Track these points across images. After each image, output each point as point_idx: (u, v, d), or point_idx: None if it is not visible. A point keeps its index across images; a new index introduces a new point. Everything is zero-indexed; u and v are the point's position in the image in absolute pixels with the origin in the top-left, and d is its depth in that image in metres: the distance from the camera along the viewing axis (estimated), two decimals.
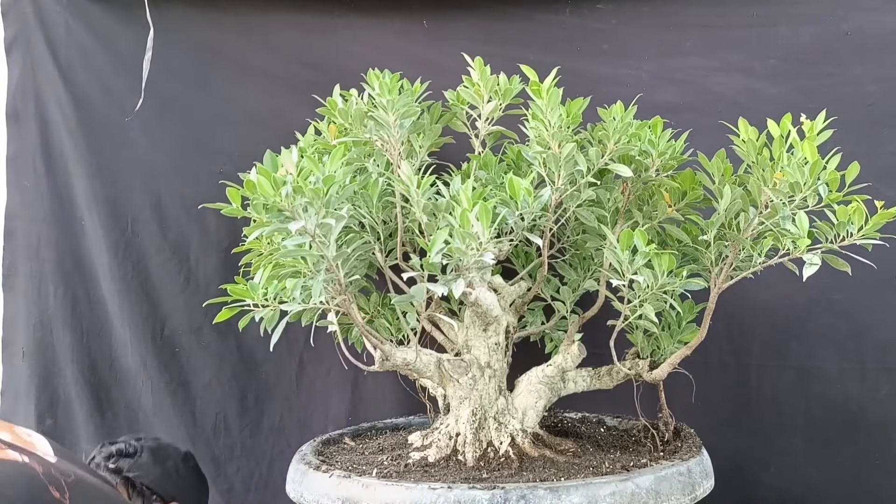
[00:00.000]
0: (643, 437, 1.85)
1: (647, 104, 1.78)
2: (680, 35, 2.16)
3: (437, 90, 1.86)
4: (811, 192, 1.52)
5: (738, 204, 1.61)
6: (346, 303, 1.58)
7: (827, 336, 2.12)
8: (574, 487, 1.47)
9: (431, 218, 1.61)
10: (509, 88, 1.75)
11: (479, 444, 1.73)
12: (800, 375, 2.15)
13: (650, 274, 1.54)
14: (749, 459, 2.18)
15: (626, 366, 1.79)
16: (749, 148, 1.59)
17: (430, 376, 1.75)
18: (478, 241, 1.45)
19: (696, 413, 1.95)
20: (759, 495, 2.19)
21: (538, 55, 1.98)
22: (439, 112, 1.82)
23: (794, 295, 2.09)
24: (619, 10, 2.18)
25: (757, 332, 2.16)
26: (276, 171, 1.39)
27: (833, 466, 2.14)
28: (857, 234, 1.54)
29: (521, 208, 1.56)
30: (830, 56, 2.07)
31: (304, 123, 1.94)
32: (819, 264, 1.57)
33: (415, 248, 1.83)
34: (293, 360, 2.38)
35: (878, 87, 2.05)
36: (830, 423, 2.14)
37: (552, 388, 1.82)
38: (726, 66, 2.13)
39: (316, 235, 1.42)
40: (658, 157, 1.66)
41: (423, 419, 2.06)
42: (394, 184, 1.71)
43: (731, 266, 1.67)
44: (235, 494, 2.40)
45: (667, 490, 1.54)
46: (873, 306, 2.08)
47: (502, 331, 1.79)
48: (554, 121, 1.61)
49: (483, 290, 1.72)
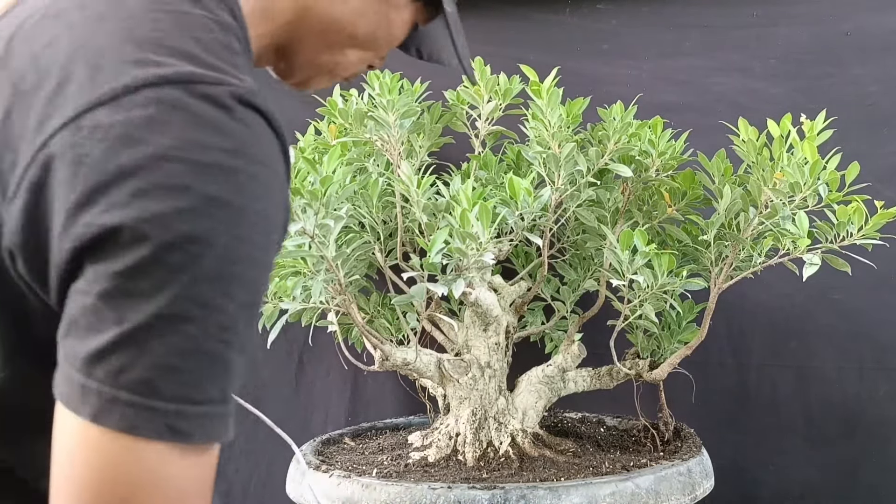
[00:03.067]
0: (643, 437, 1.85)
1: (647, 104, 1.78)
2: (680, 35, 2.15)
3: (437, 90, 1.85)
4: (811, 192, 1.52)
5: (738, 204, 1.61)
6: (345, 303, 1.58)
7: (826, 336, 2.12)
8: (574, 487, 1.47)
9: (431, 218, 1.61)
10: (509, 88, 1.75)
11: (479, 444, 1.73)
12: (799, 375, 2.15)
13: (650, 274, 1.54)
14: (749, 459, 2.18)
15: (626, 366, 1.79)
16: (749, 148, 1.59)
17: (430, 376, 1.75)
18: (478, 241, 1.45)
19: (696, 413, 1.95)
20: (758, 495, 2.19)
21: (538, 55, 1.98)
22: (439, 112, 1.82)
23: (794, 295, 2.09)
24: (619, 10, 2.18)
25: (757, 332, 2.16)
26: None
27: (832, 466, 2.14)
28: (857, 234, 1.54)
29: (521, 208, 1.56)
30: (830, 56, 2.07)
31: (304, 123, 1.94)
32: (819, 264, 1.57)
33: (415, 248, 1.83)
34: (292, 360, 2.38)
35: (878, 87, 2.05)
36: (829, 423, 2.14)
37: (552, 388, 1.82)
38: (726, 66, 2.12)
39: (315, 236, 1.42)
40: (658, 157, 1.66)
41: (423, 419, 2.06)
42: (394, 184, 1.70)
43: (731, 266, 1.67)
44: (235, 495, 2.40)
45: (667, 490, 1.54)
46: (873, 306, 2.08)
47: (502, 331, 1.79)
48: (554, 121, 1.61)
49: (483, 290, 1.72)
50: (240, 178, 0.57)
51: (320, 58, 0.82)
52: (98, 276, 0.55)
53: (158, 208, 0.55)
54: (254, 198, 0.58)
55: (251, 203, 0.58)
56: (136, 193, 0.55)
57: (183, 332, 0.55)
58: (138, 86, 0.57)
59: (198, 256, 0.55)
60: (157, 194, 0.55)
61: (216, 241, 0.56)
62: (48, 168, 0.57)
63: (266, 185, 0.59)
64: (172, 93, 0.57)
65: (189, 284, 0.55)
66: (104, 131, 0.56)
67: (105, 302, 0.55)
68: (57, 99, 0.59)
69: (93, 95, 0.57)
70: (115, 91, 0.57)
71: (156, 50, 0.59)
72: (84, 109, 0.57)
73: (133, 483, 0.55)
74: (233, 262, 0.57)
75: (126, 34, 0.61)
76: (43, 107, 0.59)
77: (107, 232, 0.55)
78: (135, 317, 0.54)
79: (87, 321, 0.55)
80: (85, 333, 0.55)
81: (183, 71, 0.58)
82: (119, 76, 0.58)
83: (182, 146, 0.56)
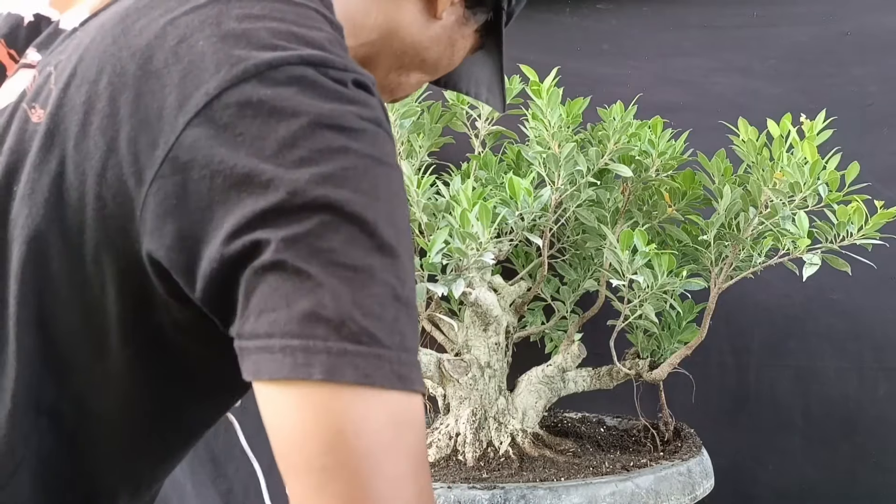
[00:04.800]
0: (643, 437, 1.85)
1: (647, 104, 1.78)
2: (680, 35, 2.16)
3: (437, 90, 1.85)
4: (811, 192, 1.53)
5: (738, 204, 1.61)
6: None
7: (826, 336, 2.12)
8: (574, 487, 1.47)
9: (431, 218, 1.61)
10: (509, 88, 1.75)
11: (479, 443, 1.73)
12: (799, 375, 2.15)
13: (650, 274, 1.54)
14: (748, 459, 2.18)
15: (626, 366, 1.79)
16: (749, 148, 1.59)
17: (430, 376, 1.75)
18: (478, 241, 1.45)
19: (696, 413, 1.95)
20: (758, 494, 2.19)
21: (538, 55, 1.98)
22: (439, 112, 1.82)
23: (793, 295, 2.09)
24: (619, 10, 2.18)
25: (757, 332, 2.16)
26: None
27: (831, 465, 2.14)
28: (856, 234, 1.54)
29: (521, 208, 1.56)
30: (830, 56, 2.07)
31: None
32: (819, 264, 1.57)
33: (415, 248, 1.83)
34: None
35: (878, 87, 2.05)
36: (829, 423, 2.14)
37: (552, 388, 1.82)
38: (726, 66, 2.13)
39: None
40: (658, 157, 1.66)
41: None
42: None
43: (731, 266, 1.67)
44: (235, 495, 2.39)
45: (667, 490, 1.54)
46: (872, 306, 2.09)
47: (502, 331, 1.79)
48: (554, 121, 1.61)
49: (483, 290, 1.72)
50: (381, 141, 0.59)
51: (388, 77, 0.83)
52: (281, 246, 0.54)
53: (324, 171, 0.55)
54: (394, 163, 0.60)
55: (395, 166, 0.60)
56: (299, 163, 0.55)
57: (382, 283, 0.55)
58: (279, 63, 0.57)
59: (370, 209, 0.56)
60: (321, 160, 0.56)
61: (380, 194, 0.57)
62: (195, 147, 0.56)
63: (394, 156, 0.61)
64: (308, 71, 0.58)
65: (371, 236, 0.56)
66: (254, 107, 0.56)
67: (299, 267, 0.54)
68: (194, 77, 0.57)
69: (236, 71, 0.57)
70: (259, 67, 0.57)
71: (287, 38, 0.60)
72: (228, 85, 0.57)
73: (372, 436, 0.53)
74: (395, 215, 0.58)
75: (251, 21, 0.61)
76: (179, 85, 0.58)
77: (280, 203, 0.54)
78: (336, 273, 0.54)
79: (283, 291, 0.54)
80: (286, 301, 0.54)
81: (317, 54, 0.59)
82: (258, 55, 0.58)
83: (331, 115, 0.57)
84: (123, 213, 0.57)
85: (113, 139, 0.58)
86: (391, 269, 0.56)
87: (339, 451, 0.53)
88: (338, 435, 0.53)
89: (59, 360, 0.63)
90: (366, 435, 0.53)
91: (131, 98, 0.58)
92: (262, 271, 0.54)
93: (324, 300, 0.54)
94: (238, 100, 0.56)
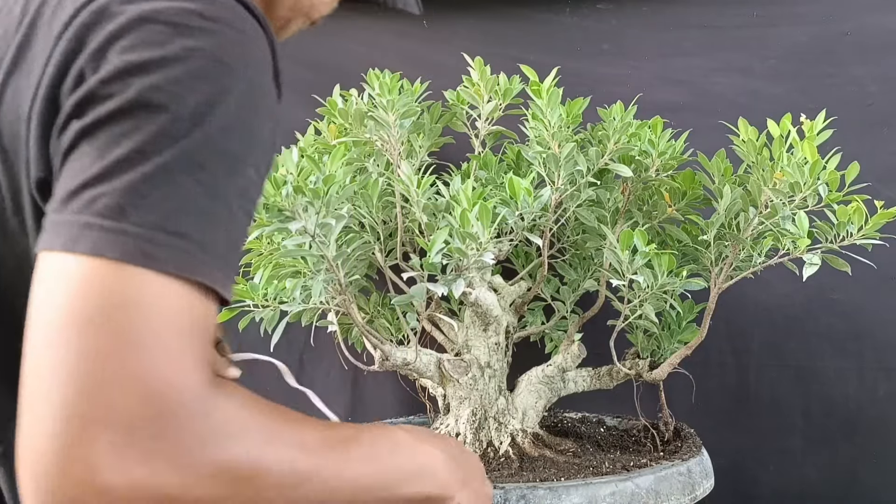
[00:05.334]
0: (643, 437, 1.85)
1: (647, 104, 1.78)
2: (680, 35, 2.16)
3: (437, 90, 1.85)
4: (811, 192, 1.52)
5: (738, 204, 1.61)
6: (345, 303, 1.58)
7: (826, 336, 2.12)
8: (574, 487, 1.47)
9: (431, 218, 1.61)
10: (509, 88, 1.75)
11: (478, 444, 1.73)
12: (799, 375, 2.15)
13: (650, 274, 1.54)
14: (748, 459, 2.18)
15: (626, 366, 1.79)
16: (749, 148, 1.59)
17: (430, 376, 1.75)
18: (478, 241, 1.45)
19: (696, 413, 1.95)
20: (758, 494, 2.19)
21: (538, 55, 1.98)
22: (439, 112, 1.82)
23: (793, 295, 2.09)
24: (619, 10, 2.18)
25: (757, 332, 2.16)
26: (276, 171, 1.39)
27: (831, 466, 2.14)
28: (857, 234, 1.54)
29: (521, 208, 1.56)
30: (830, 56, 2.07)
31: (304, 123, 1.94)
32: (819, 264, 1.57)
33: (415, 248, 1.83)
34: (293, 360, 2.37)
35: (878, 87, 2.05)
36: (829, 423, 2.14)
37: (552, 388, 1.82)
38: (726, 66, 2.12)
39: (316, 235, 1.42)
40: (658, 157, 1.66)
41: (423, 419, 2.05)
42: (394, 184, 1.70)
43: (731, 266, 1.67)
44: None
45: (667, 490, 1.54)
46: (872, 306, 2.09)
47: (502, 331, 1.79)
48: (554, 121, 1.61)
49: (483, 290, 1.72)
50: (219, 37, 0.63)
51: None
52: (78, 129, 0.60)
53: (135, 59, 0.60)
54: (230, 61, 0.63)
55: (230, 63, 0.63)
56: (120, 51, 0.61)
57: (153, 164, 0.58)
58: None
59: (176, 99, 0.60)
60: (137, 49, 0.61)
61: (196, 86, 0.61)
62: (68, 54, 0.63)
63: (247, 52, 0.65)
64: None
65: (173, 123, 0.59)
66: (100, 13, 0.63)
67: (87, 147, 0.59)
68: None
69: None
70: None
71: None
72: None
73: (110, 307, 0.55)
74: (205, 109, 0.61)
75: None
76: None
77: (94, 86, 0.60)
78: (109, 153, 0.58)
79: (71, 168, 0.60)
80: (68, 181, 0.59)
81: None
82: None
83: (164, 10, 0.62)
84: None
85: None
86: (184, 156, 0.59)
87: (77, 317, 0.55)
88: (78, 303, 0.56)
89: None
90: (102, 306, 0.56)
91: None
92: (66, 152, 0.61)
93: (94, 176, 0.58)
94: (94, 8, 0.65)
